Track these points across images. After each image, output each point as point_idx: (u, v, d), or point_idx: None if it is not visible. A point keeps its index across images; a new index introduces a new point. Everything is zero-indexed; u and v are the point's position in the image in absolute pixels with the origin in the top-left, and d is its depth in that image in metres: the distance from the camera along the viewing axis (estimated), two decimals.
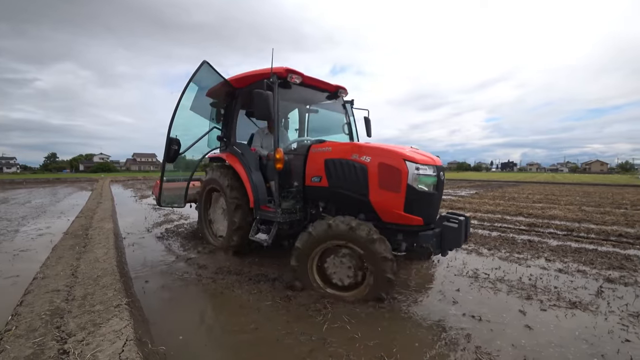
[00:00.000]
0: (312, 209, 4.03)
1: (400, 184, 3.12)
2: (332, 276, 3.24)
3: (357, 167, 3.36)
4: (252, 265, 4.12)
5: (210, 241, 5.10)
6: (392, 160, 3.19)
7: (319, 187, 3.72)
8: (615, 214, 9.20)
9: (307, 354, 2.32)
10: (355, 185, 3.38)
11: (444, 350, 2.38)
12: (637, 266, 4.43)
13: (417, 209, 3.19)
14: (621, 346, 2.49)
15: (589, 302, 3.26)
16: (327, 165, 3.61)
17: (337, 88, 4.68)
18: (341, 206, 3.74)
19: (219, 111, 5.04)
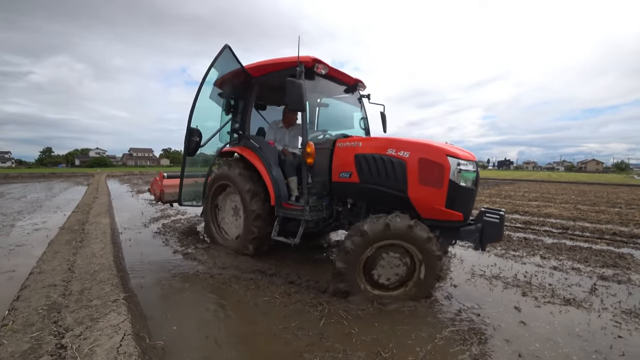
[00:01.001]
0: (339, 206, 3.90)
1: (442, 179, 3.08)
2: (379, 277, 3.11)
3: (394, 163, 3.29)
4: (249, 261, 4.12)
5: (218, 241, 4.75)
6: (434, 155, 3.14)
7: (349, 183, 3.60)
8: (609, 212, 9.29)
9: (304, 348, 2.34)
10: (392, 181, 3.30)
11: (440, 346, 2.40)
12: (631, 264, 4.48)
13: (458, 204, 3.16)
14: (614, 342, 2.53)
15: (583, 299, 3.30)
16: (358, 160, 3.51)
17: (357, 81, 4.56)
18: (373, 202, 3.68)
19: (229, 102, 4.70)
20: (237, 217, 4.59)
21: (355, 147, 3.60)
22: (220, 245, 4.66)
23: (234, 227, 4.66)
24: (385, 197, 3.43)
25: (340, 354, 2.27)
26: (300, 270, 3.83)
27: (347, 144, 3.68)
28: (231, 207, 4.67)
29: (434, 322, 2.77)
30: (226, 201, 4.78)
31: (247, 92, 4.46)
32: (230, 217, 4.70)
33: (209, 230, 4.90)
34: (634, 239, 6.05)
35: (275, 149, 4.23)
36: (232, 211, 4.66)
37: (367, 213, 3.67)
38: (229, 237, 4.72)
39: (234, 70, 4.22)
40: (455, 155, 3.13)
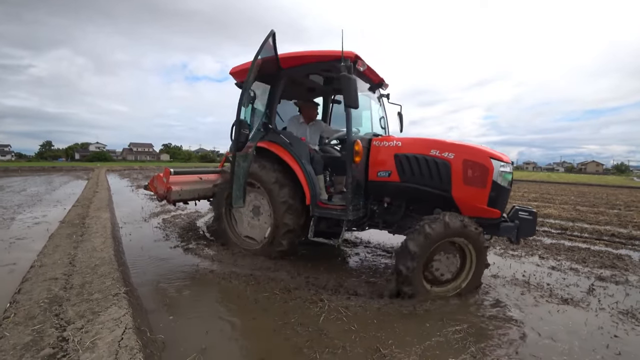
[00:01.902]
0: (374, 205, 3.89)
1: (486, 180, 3.30)
2: (437, 274, 3.23)
3: (438, 163, 3.42)
4: (248, 257, 4.14)
5: (234, 243, 4.41)
6: (479, 157, 3.35)
7: (388, 182, 3.64)
8: (608, 214, 9.32)
9: (304, 344, 2.36)
10: (436, 181, 3.43)
11: (438, 343, 2.42)
12: (629, 266, 4.50)
13: (497, 203, 3.40)
14: (610, 341, 2.55)
15: (580, 299, 3.32)
16: (398, 160, 3.58)
17: (381, 80, 4.48)
18: (413, 201, 3.77)
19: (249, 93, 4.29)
20: (257, 218, 4.33)
21: (395, 146, 3.65)
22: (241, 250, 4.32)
23: (255, 229, 4.37)
24: (427, 196, 3.54)
25: (339, 350, 2.29)
26: (299, 268, 3.85)
27: (385, 143, 3.73)
28: (249, 208, 4.37)
29: (431, 319, 2.79)
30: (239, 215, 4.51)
31: (274, 84, 4.12)
32: (250, 219, 4.40)
33: (224, 234, 4.50)
34: (632, 240, 6.07)
35: (306, 145, 4.10)
36: (250, 213, 4.37)
37: (405, 212, 3.80)
38: (253, 240, 4.39)
39: (264, 59, 3.83)
40: (498, 157, 3.37)
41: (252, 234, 4.40)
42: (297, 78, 4.21)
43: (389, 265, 4.22)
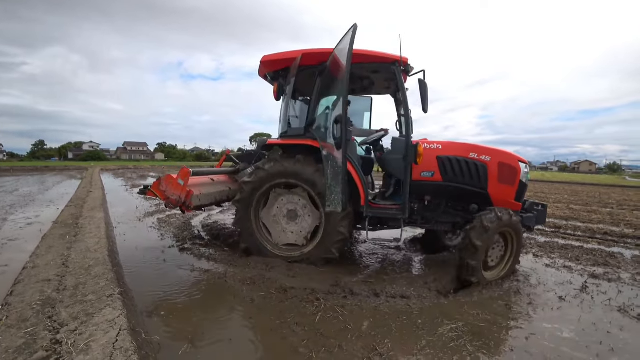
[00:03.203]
0: (415, 204, 4.01)
1: (515, 179, 3.92)
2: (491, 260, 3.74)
3: (478, 165, 3.85)
4: (243, 257, 4.12)
5: (267, 251, 4.06)
6: (511, 160, 3.94)
7: (431, 182, 3.89)
8: (601, 212, 9.42)
9: (300, 343, 2.35)
10: (475, 180, 3.86)
11: (433, 342, 2.43)
12: (621, 263, 4.56)
13: (521, 197, 4.04)
14: (604, 338, 2.58)
15: (574, 297, 3.36)
16: (441, 161, 3.85)
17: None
18: (453, 199, 4.08)
19: (281, 86, 4.20)
20: (293, 222, 4.10)
21: (436, 149, 3.91)
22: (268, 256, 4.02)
23: (293, 235, 4.13)
24: (466, 194, 3.94)
25: (335, 349, 2.29)
26: (294, 267, 3.83)
27: (426, 146, 3.92)
28: (282, 212, 4.12)
29: (428, 318, 2.80)
30: (275, 203, 4.15)
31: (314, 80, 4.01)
32: (285, 225, 4.13)
33: (252, 240, 4.09)
34: (625, 238, 6.15)
35: (356, 145, 4.13)
36: (285, 218, 4.12)
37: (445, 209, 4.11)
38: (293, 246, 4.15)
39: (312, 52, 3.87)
40: (523, 161, 4.02)
41: (291, 239, 4.14)
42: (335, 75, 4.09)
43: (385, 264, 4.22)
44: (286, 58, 4.00)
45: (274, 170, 3.92)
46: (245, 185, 4.01)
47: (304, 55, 3.87)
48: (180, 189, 3.98)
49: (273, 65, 4.17)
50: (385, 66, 3.88)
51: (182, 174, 4.05)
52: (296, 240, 4.12)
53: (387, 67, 3.86)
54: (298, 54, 3.89)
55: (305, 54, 3.87)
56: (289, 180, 3.93)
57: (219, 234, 5.38)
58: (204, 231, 5.68)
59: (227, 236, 5.21)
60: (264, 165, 3.97)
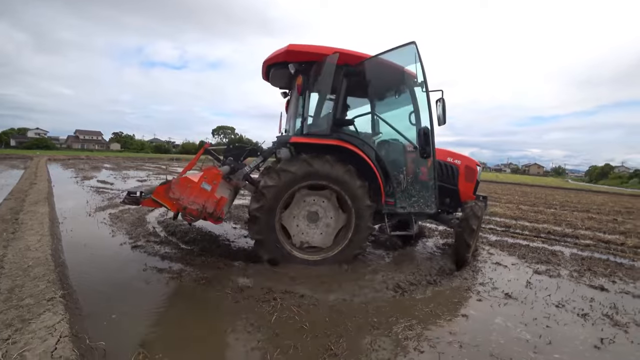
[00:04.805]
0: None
1: (474, 178, 4.93)
2: None
3: (453, 167, 4.87)
4: (199, 255, 4.00)
5: (290, 255, 3.85)
6: (472, 163, 4.97)
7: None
8: (546, 213, 10.18)
9: (255, 344, 2.32)
10: (451, 179, 4.86)
11: (388, 338, 2.50)
12: (561, 261, 4.95)
13: (476, 191, 5.01)
14: (543, 331, 2.79)
15: (519, 293, 3.59)
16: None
17: None
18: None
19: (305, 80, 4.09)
20: (314, 224, 4.01)
21: None
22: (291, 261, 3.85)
23: (314, 237, 4.03)
24: (444, 190, 4.73)
25: (290, 350, 2.28)
26: (250, 267, 3.76)
27: None
28: (302, 214, 4.01)
29: (384, 316, 2.86)
30: (297, 205, 3.99)
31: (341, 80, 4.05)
32: (305, 227, 4.01)
33: (278, 250, 3.83)
34: (565, 237, 6.69)
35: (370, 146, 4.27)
36: (305, 220, 4.01)
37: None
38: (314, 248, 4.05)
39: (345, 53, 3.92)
40: (479, 164, 5.07)
41: (311, 241, 4.03)
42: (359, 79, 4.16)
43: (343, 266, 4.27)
44: (315, 52, 3.92)
45: (302, 172, 3.72)
46: (267, 190, 3.67)
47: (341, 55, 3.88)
48: (205, 195, 3.21)
49: (299, 56, 3.99)
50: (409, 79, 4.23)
51: (210, 176, 3.24)
52: (321, 243, 4.05)
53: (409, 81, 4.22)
54: (330, 51, 3.85)
55: (343, 55, 3.90)
56: (319, 182, 3.82)
57: (175, 230, 5.14)
58: (160, 227, 5.42)
59: (184, 233, 5.01)
60: (289, 167, 3.72)
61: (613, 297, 3.68)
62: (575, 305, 3.36)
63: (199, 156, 4.28)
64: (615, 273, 4.52)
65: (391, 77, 4.34)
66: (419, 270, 4.01)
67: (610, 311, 3.29)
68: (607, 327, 2.97)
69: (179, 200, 3.18)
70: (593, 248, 6.00)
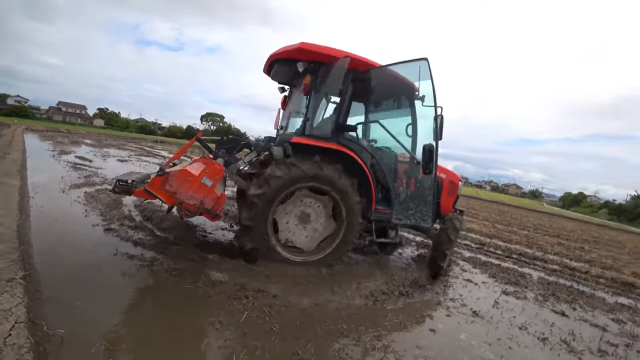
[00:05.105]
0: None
1: (456, 192, 5.02)
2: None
3: (438, 181, 4.71)
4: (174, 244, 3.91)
5: (273, 249, 3.80)
6: (456, 179, 5.06)
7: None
8: (519, 234, 10.49)
9: (222, 343, 2.29)
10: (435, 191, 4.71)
11: (356, 347, 2.52)
12: (529, 283, 5.10)
13: (455, 205, 5.06)
14: (505, 352, 2.86)
15: (486, 312, 3.67)
16: None
17: None
18: None
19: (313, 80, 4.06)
20: (303, 225, 4.03)
21: None
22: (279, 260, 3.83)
23: (299, 238, 4.04)
24: None
25: (258, 351, 2.26)
26: (226, 263, 3.67)
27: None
28: (295, 213, 4.01)
29: (354, 324, 2.87)
30: (291, 207, 3.99)
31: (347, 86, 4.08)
32: (294, 227, 4.02)
33: (264, 242, 3.76)
34: (535, 260, 6.90)
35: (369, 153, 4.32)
36: (296, 219, 4.02)
37: None
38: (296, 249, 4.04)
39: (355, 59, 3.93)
40: (461, 179, 5.18)
41: (296, 242, 4.04)
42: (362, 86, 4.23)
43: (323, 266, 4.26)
44: (326, 54, 3.90)
45: (312, 172, 3.72)
46: (274, 180, 3.61)
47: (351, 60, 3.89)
48: (205, 191, 3.08)
49: (310, 55, 3.95)
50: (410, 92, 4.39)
51: (211, 171, 3.10)
52: (305, 246, 4.04)
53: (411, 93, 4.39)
54: (341, 55, 3.86)
55: (354, 60, 3.92)
56: (323, 186, 3.84)
57: (151, 216, 5.01)
58: (136, 212, 5.27)
59: (160, 220, 4.87)
60: (301, 164, 3.71)
61: (572, 324, 3.81)
62: (537, 329, 3.46)
63: (190, 145, 4.21)
64: (576, 300, 4.69)
65: (395, 88, 4.47)
66: (393, 280, 4.03)
67: (568, 337, 3.40)
68: (564, 353, 3.07)
69: (175, 194, 3.01)
70: (559, 274, 6.22)
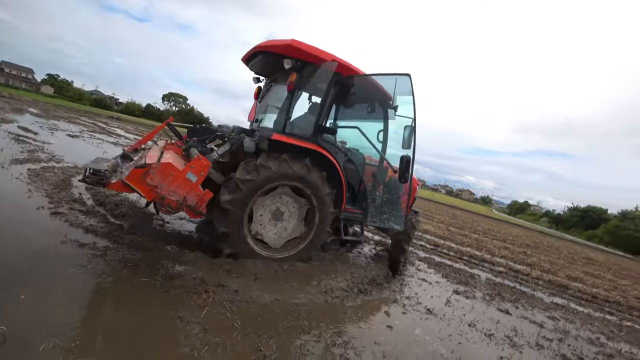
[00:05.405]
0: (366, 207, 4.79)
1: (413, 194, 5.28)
2: None
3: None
4: (129, 233, 3.67)
5: (248, 246, 3.70)
6: (414, 182, 5.16)
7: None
8: (471, 237, 11.15)
9: (182, 339, 2.20)
10: None
11: (317, 343, 2.54)
12: (477, 283, 5.46)
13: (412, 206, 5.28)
14: (455, 347, 3.06)
15: (439, 309, 3.88)
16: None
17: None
18: None
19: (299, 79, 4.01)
20: (275, 222, 3.97)
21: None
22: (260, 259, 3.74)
23: (269, 234, 3.96)
24: None
25: (219, 348, 2.20)
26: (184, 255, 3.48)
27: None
28: (270, 209, 3.93)
29: (315, 320, 2.89)
30: (270, 198, 3.91)
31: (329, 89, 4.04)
32: (267, 222, 3.93)
33: (244, 246, 3.69)
34: (483, 262, 7.39)
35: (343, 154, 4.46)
36: (269, 214, 3.94)
37: None
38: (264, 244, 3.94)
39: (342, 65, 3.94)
40: (418, 183, 5.63)
41: (264, 236, 3.94)
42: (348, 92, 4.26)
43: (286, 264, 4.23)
44: (315, 54, 3.89)
45: (282, 172, 3.63)
46: (244, 183, 3.47)
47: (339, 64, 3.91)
48: (188, 186, 2.88)
49: (298, 53, 3.90)
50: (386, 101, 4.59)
51: (197, 167, 2.93)
52: (271, 242, 3.96)
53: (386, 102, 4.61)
54: (329, 57, 3.89)
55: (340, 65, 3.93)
56: (295, 184, 3.80)
57: (104, 200, 4.66)
58: (87, 194, 4.88)
59: (115, 205, 4.57)
60: (293, 165, 3.67)
61: (514, 321, 4.16)
62: (484, 326, 3.73)
63: (159, 130, 3.93)
64: (519, 300, 5.10)
65: (372, 95, 4.63)
66: (353, 277, 4.09)
67: (511, 333, 3.72)
68: (507, 348, 3.35)
69: (157, 188, 2.77)
70: (504, 275, 6.72)
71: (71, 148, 8.68)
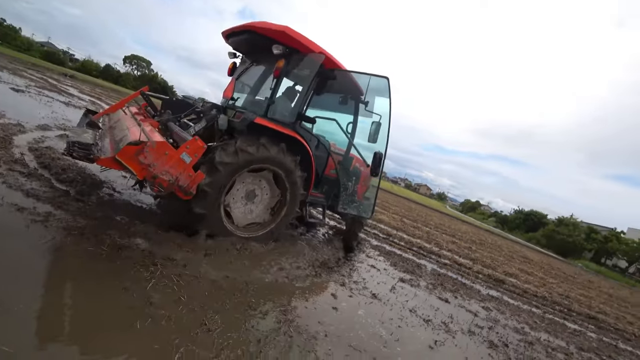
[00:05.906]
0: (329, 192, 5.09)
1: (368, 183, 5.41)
2: None
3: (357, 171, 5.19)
4: (76, 200, 3.48)
5: (228, 231, 3.76)
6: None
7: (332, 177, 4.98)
8: (422, 230, 11.75)
9: (125, 310, 2.17)
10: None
11: (262, 320, 2.62)
12: (423, 273, 5.80)
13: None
14: (395, 330, 3.27)
15: (384, 295, 4.11)
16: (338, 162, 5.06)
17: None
18: None
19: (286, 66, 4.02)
20: (251, 202, 4.07)
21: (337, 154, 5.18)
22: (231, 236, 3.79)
23: (253, 214, 4.12)
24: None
25: (164, 320, 2.19)
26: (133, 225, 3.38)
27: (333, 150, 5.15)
28: (240, 195, 3.97)
29: (262, 298, 2.96)
30: (250, 176, 3.97)
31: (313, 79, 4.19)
32: (243, 206, 4.03)
33: (220, 227, 3.71)
34: (431, 254, 7.85)
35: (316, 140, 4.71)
36: (243, 199, 4.02)
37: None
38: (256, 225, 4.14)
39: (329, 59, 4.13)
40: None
41: (253, 219, 4.13)
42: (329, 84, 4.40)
43: None
44: (305, 45, 3.99)
45: (260, 155, 3.69)
46: (224, 166, 3.43)
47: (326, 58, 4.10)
48: (181, 167, 2.81)
49: (290, 41, 3.94)
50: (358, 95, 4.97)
51: (192, 147, 2.85)
52: (236, 219, 3.97)
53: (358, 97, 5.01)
54: (317, 49, 4.05)
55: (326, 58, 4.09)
56: (272, 167, 3.93)
57: (50, 164, 4.33)
58: (31, 156, 4.51)
59: (62, 168, 4.28)
60: (270, 149, 3.75)
61: (452, 309, 4.50)
62: (424, 312, 4.01)
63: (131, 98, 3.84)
64: (458, 290, 5.50)
65: (346, 89, 4.94)
66: (305, 260, 4.21)
67: (448, 320, 4.02)
68: (442, 333, 3.63)
69: (150, 167, 2.68)
70: (449, 267, 7.20)
71: (15, 104, 7.91)
